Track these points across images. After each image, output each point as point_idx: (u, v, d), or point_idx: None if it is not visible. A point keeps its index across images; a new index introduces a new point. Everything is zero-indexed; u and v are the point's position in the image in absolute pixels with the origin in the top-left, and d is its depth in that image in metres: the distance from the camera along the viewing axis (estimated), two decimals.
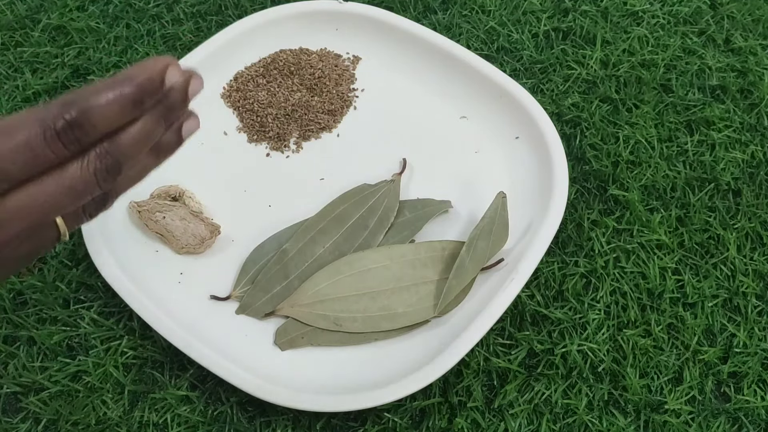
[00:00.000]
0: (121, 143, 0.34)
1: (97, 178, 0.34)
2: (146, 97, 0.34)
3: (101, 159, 0.34)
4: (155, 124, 0.36)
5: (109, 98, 0.33)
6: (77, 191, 0.33)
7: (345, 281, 0.48)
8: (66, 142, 0.32)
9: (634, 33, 0.63)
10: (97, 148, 0.34)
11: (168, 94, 0.35)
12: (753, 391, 0.47)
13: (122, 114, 0.33)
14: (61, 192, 0.33)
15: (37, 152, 0.31)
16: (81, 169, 0.33)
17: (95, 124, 0.33)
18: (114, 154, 0.34)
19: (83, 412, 0.45)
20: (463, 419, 0.45)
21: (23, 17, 0.65)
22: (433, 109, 0.58)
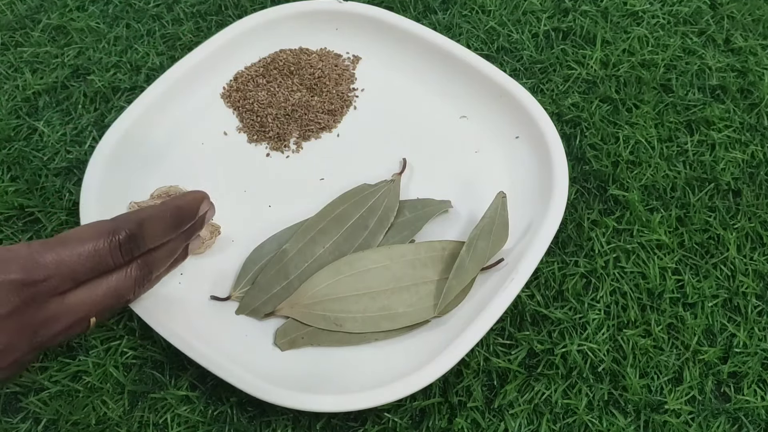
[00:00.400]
0: (156, 257, 0.41)
1: (135, 284, 0.40)
2: (185, 222, 0.42)
3: (141, 269, 0.40)
4: (180, 243, 0.43)
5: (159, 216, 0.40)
6: (119, 294, 0.39)
7: (345, 281, 0.48)
8: (124, 252, 0.38)
9: (634, 33, 0.63)
10: (139, 260, 0.40)
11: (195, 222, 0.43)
12: (753, 391, 0.47)
13: (166, 233, 0.41)
14: (108, 294, 0.39)
15: (102, 259, 0.37)
16: (126, 275, 0.39)
17: (146, 240, 0.39)
18: (149, 264, 0.41)
19: (83, 412, 0.45)
20: (463, 419, 0.45)
21: (23, 17, 0.65)
22: (433, 109, 0.58)
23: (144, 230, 0.39)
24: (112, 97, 0.60)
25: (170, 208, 0.41)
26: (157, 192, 0.52)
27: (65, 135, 0.57)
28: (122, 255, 0.38)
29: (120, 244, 0.38)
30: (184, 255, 0.46)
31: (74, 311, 0.37)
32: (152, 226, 0.39)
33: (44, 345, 0.37)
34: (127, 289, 0.40)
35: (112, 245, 0.37)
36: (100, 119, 0.58)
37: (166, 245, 0.41)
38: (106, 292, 0.38)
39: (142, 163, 0.54)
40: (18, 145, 0.57)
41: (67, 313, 0.37)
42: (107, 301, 0.39)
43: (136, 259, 0.40)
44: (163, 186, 0.53)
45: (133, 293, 0.40)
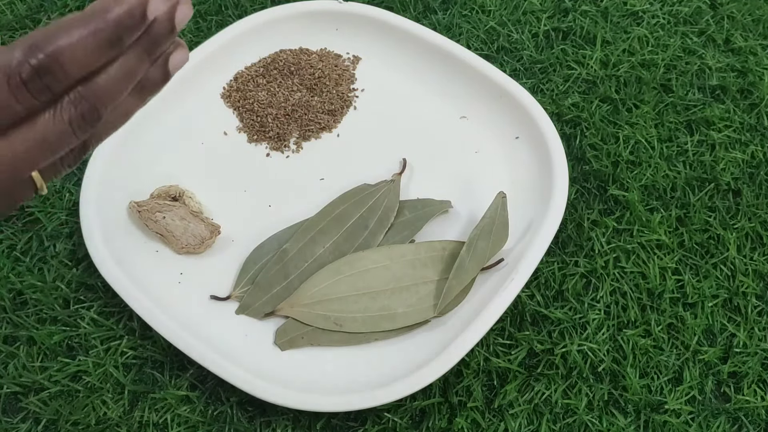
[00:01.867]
0: (99, 86, 0.30)
1: (73, 128, 0.30)
2: (125, 33, 0.30)
3: (76, 106, 0.30)
4: (137, 61, 0.31)
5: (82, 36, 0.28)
6: (51, 144, 0.30)
7: (345, 281, 0.48)
8: (34, 91, 0.28)
9: (634, 33, 0.63)
10: (71, 94, 0.30)
11: (151, 27, 0.30)
12: (753, 391, 0.47)
13: (98, 54, 0.29)
14: (32, 147, 0.30)
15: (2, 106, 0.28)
16: (54, 119, 0.30)
17: (67, 69, 0.29)
18: (90, 99, 0.30)
19: (83, 412, 0.45)
20: (463, 419, 0.45)
21: (23, 17, 0.65)
22: (433, 109, 0.58)
23: (60, 58, 0.28)
24: None
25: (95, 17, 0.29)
26: (157, 192, 0.52)
27: None
28: (34, 95, 0.28)
29: (25, 82, 0.28)
30: (162, 74, 0.33)
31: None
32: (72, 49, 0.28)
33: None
34: (61, 135, 0.30)
35: (12, 85, 0.28)
36: None
37: (111, 67, 0.30)
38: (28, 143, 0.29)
39: (142, 163, 0.54)
40: None
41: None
42: (35, 154, 0.30)
43: (65, 94, 0.30)
44: (163, 186, 0.53)
45: (75, 137, 0.31)
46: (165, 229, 0.50)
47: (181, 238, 0.50)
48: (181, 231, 0.50)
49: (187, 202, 0.51)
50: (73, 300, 0.50)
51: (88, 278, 0.50)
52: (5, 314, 0.49)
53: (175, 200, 0.51)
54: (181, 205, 0.51)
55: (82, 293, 0.50)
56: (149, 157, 0.55)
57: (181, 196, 0.52)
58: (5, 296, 0.50)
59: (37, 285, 0.50)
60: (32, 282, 0.50)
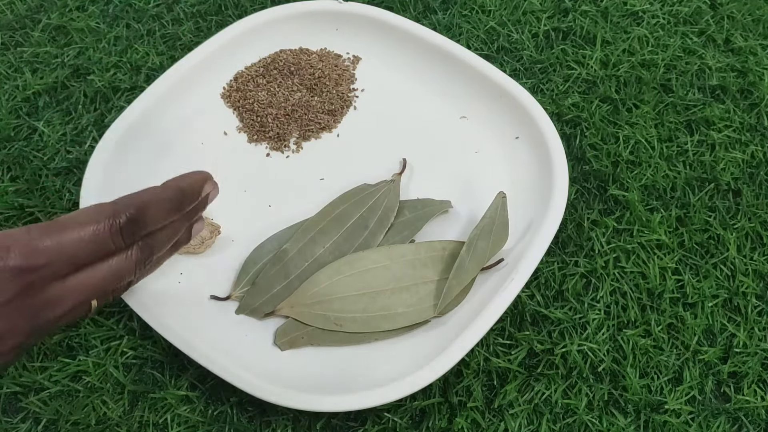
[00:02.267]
0: (157, 238, 0.40)
1: (136, 266, 0.39)
2: (187, 204, 0.41)
3: (142, 251, 0.39)
4: (181, 224, 0.42)
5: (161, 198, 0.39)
6: (120, 276, 0.39)
7: (345, 281, 0.48)
8: (125, 235, 0.38)
9: (634, 33, 0.63)
10: (140, 242, 0.39)
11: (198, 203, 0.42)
12: (753, 391, 0.47)
13: (168, 215, 0.40)
14: (108, 277, 0.38)
15: (103, 242, 0.37)
16: (127, 257, 0.39)
17: (147, 222, 0.39)
18: (151, 246, 0.40)
19: (83, 412, 0.45)
20: (463, 419, 0.45)
21: (23, 17, 0.65)
22: (433, 109, 0.58)
23: (145, 213, 0.38)
24: (112, 97, 0.60)
25: (172, 189, 0.40)
26: None
27: (65, 135, 0.57)
28: (123, 238, 0.38)
29: (121, 228, 0.37)
30: (186, 237, 0.45)
31: (75, 295, 0.37)
32: (154, 209, 0.39)
33: (46, 329, 0.37)
34: (128, 271, 0.39)
35: (112, 229, 0.37)
36: (100, 119, 0.58)
37: (167, 227, 0.41)
38: (106, 275, 0.38)
39: (142, 163, 0.54)
40: (18, 145, 0.57)
41: (67, 296, 0.37)
42: (108, 283, 0.38)
43: (137, 241, 0.39)
44: None
45: (134, 275, 0.40)
46: None
47: None
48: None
49: None
50: None
51: None
52: None
53: None
54: None
55: None
56: (149, 157, 0.55)
57: None
58: None
59: None
60: None
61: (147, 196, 0.39)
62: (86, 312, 0.39)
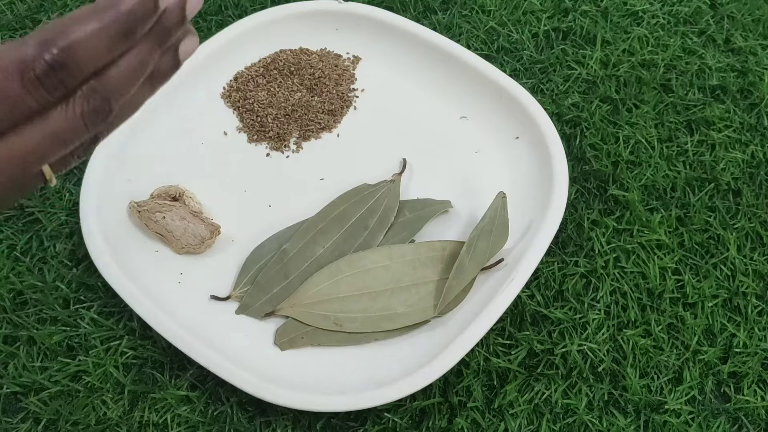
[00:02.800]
0: (111, 79, 0.30)
1: (85, 122, 0.30)
2: (138, 24, 0.29)
3: (89, 100, 0.29)
4: (149, 52, 0.31)
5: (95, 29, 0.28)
6: (63, 138, 0.30)
7: (345, 281, 0.48)
8: (49, 87, 0.28)
9: (634, 33, 0.63)
10: (83, 88, 0.29)
11: (162, 18, 0.30)
12: (753, 391, 0.47)
13: (111, 47, 0.29)
14: (44, 141, 0.29)
15: (15, 102, 0.28)
16: (66, 114, 0.29)
17: (80, 63, 0.28)
18: (103, 92, 0.30)
19: (83, 412, 0.45)
20: (463, 419, 0.45)
21: (23, 17, 0.65)
22: (433, 109, 0.58)
23: (74, 52, 0.28)
24: None
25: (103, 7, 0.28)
26: (157, 192, 0.52)
27: None
28: (48, 91, 0.28)
29: (39, 79, 0.27)
30: (173, 62, 0.32)
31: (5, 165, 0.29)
32: (87, 44, 0.28)
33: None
34: (74, 130, 0.30)
35: (27, 81, 0.27)
36: None
37: (123, 59, 0.30)
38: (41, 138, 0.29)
39: (142, 163, 0.54)
40: None
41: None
42: (46, 148, 0.29)
43: (75, 89, 0.29)
44: (163, 186, 0.53)
45: (87, 130, 0.30)
46: (165, 229, 0.50)
47: (181, 238, 0.50)
48: (181, 231, 0.50)
49: (187, 202, 0.51)
50: (73, 300, 0.50)
51: (88, 278, 0.50)
52: (5, 314, 0.49)
53: (175, 200, 0.51)
54: (181, 205, 0.51)
55: (82, 293, 0.50)
56: (149, 157, 0.55)
57: (181, 196, 0.52)
58: (5, 296, 0.50)
59: (37, 285, 0.50)
60: (32, 282, 0.50)
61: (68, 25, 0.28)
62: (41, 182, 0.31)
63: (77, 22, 0.28)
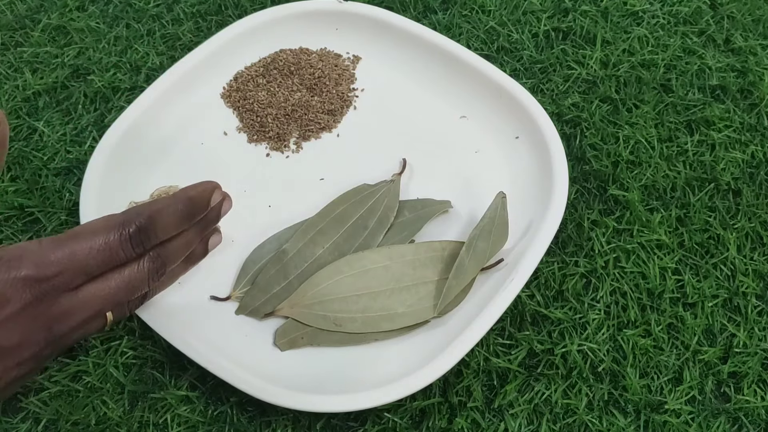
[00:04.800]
0: (169, 250, 0.41)
1: (149, 277, 0.40)
2: (197, 213, 0.42)
3: (154, 261, 0.40)
4: (194, 236, 0.43)
5: (171, 208, 0.40)
6: (133, 287, 0.39)
7: (345, 281, 0.48)
8: (135, 244, 0.38)
9: (634, 33, 0.63)
10: (152, 252, 0.40)
11: (209, 212, 0.42)
12: (753, 391, 0.47)
13: (178, 225, 0.40)
14: (121, 287, 0.39)
15: (113, 252, 0.37)
16: (138, 267, 0.39)
17: (157, 231, 0.39)
18: (163, 257, 0.41)
19: (83, 412, 0.45)
20: (463, 419, 0.45)
21: (23, 17, 0.65)
22: (433, 109, 0.58)
23: (155, 222, 0.39)
24: (112, 97, 0.60)
25: (181, 199, 0.41)
26: (156, 192, 0.52)
27: (65, 135, 0.57)
28: (133, 247, 0.38)
29: (130, 237, 0.38)
30: (202, 251, 0.46)
31: (88, 305, 0.38)
32: (163, 218, 0.39)
33: (61, 342, 0.37)
34: (141, 282, 0.40)
35: (122, 238, 0.37)
36: (100, 119, 0.58)
37: (179, 237, 0.41)
38: (119, 284, 0.39)
39: (142, 163, 0.54)
40: (18, 145, 0.57)
41: (80, 307, 0.37)
42: (121, 294, 0.39)
43: (148, 251, 0.40)
44: (163, 186, 0.52)
45: (147, 286, 0.40)
46: None
47: None
48: None
49: None
50: None
51: None
52: None
53: None
54: None
55: None
56: (149, 157, 0.55)
57: None
58: None
59: None
60: None
61: (156, 206, 0.39)
62: (102, 325, 0.40)
63: (158, 203, 0.40)
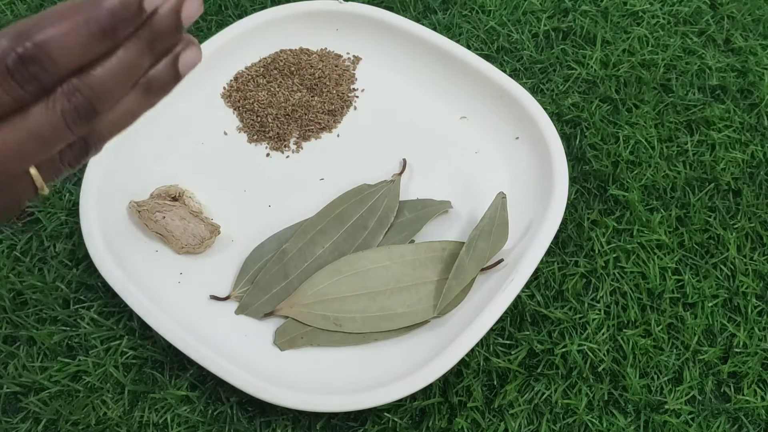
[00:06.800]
0: (94, 79, 0.29)
1: (67, 121, 0.29)
2: (120, 23, 0.28)
3: (69, 97, 0.29)
4: (137, 55, 0.30)
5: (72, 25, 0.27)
6: (44, 138, 0.29)
7: (345, 281, 0.48)
8: (21, 80, 0.27)
9: (634, 33, 0.63)
10: (64, 86, 0.29)
11: (152, 21, 0.29)
12: (753, 391, 0.47)
13: (88, 45, 0.28)
14: (24, 139, 0.28)
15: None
16: (45, 111, 0.28)
17: (56, 59, 0.28)
18: (85, 91, 0.29)
19: (83, 412, 0.45)
20: (463, 419, 0.45)
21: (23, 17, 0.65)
22: (433, 109, 0.58)
23: (46, 45, 0.27)
24: None
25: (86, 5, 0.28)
26: (157, 192, 0.52)
27: None
28: (21, 85, 0.27)
29: (10, 71, 0.27)
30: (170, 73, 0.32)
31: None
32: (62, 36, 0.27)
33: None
34: (54, 129, 0.29)
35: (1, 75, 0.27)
36: None
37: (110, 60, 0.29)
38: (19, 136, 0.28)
39: (142, 163, 0.54)
40: None
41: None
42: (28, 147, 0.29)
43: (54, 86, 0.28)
44: (163, 186, 0.53)
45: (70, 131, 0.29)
46: (165, 229, 0.50)
47: (180, 238, 0.50)
48: (180, 231, 0.50)
49: (186, 202, 0.51)
50: (73, 300, 0.50)
51: (88, 278, 0.50)
52: (5, 314, 0.49)
53: (174, 200, 0.51)
54: (181, 205, 0.51)
55: (82, 293, 0.50)
56: (149, 157, 0.55)
57: (181, 196, 0.52)
58: (5, 296, 0.50)
59: (37, 285, 0.50)
60: (32, 282, 0.50)
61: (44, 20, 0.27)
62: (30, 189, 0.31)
63: (55, 18, 0.27)
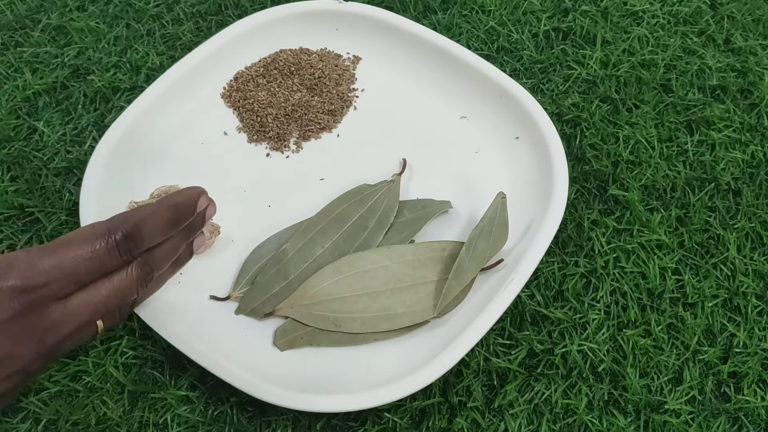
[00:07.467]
0: (156, 256, 0.41)
1: (137, 283, 0.40)
2: (183, 219, 0.42)
3: (141, 267, 0.40)
4: (180, 241, 0.43)
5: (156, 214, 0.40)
6: (122, 294, 0.39)
7: (344, 281, 0.48)
8: (122, 252, 0.38)
9: (634, 33, 0.63)
10: (139, 259, 0.40)
11: (194, 218, 0.43)
12: (753, 391, 0.47)
13: (164, 231, 0.41)
14: (111, 295, 0.39)
15: (101, 260, 0.37)
16: (127, 275, 0.40)
17: (144, 238, 0.39)
18: (150, 263, 0.41)
19: (83, 412, 0.45)
20: (463, 419, 0.45)
21: (23, 17, 0.65)
22: (433, 109, 0.58)
23: (141, 229, 0.39)
24: (112, 97, 0.60)
25: (167, 205, 0.41)
26: (156, 192, 0.52)
27: (65, 135, 0.57)
28: (120, 255, 0.38)
29: (117, 244, 0.38)
30: (188, 254, 0.46)
31: (78, 314, 0.37)
32: (149, 225, 0.39)
33: (51, 352, 0.37)
34: (130, 289, 0.40)
35: (109, 246, 0.37)
36: (100, 119, 0.58)
37: (166, 243, 0.42)
38: (108, 292, 0.39)
39: (142, 163, 0.54)
40: (18, 145, 0.57)
41: (70, 317, 0.37)
42: (111, 301, 0.39)
43: (135, 258, 0.40)
44: (163, 186, 0.53)
45: (136, 293, 0.40)
46: None
47: None
48: None
49: None
50: None
51: None
52: None
53: None
54: None
55: None
56: (149, 157, 0.55)
57: None
58: None
59: None
60: None
61: (142, 213, 0.39)
62: (93, 334, 0.39)
63: (143, 210, 0.40)
